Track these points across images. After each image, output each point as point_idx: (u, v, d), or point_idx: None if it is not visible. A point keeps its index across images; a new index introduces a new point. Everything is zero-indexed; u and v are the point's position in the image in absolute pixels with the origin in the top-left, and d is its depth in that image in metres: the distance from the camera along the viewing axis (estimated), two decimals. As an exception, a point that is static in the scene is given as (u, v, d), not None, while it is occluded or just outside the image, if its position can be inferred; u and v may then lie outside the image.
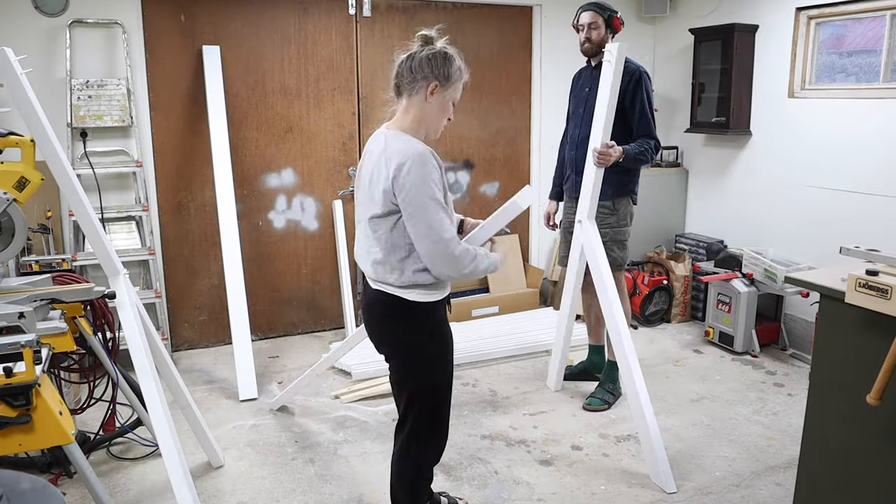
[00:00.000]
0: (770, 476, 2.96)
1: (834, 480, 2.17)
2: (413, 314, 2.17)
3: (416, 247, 2.07)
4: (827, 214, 4.18)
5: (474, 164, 5.07)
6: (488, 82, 4.99)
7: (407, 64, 2.12)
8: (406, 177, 2.00)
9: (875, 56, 3.95)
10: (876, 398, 1.86)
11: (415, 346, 2.23)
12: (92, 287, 2.59)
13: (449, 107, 2.17)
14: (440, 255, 2.04)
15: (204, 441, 3.04)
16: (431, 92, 2.10)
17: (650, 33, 5.36)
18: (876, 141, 3.85)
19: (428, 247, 2.04)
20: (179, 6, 4.11)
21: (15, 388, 1.97)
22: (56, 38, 3.86)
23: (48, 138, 2.37)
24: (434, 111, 2.14)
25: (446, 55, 2.12)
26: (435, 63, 2.10)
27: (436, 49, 2.12)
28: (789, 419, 3.49)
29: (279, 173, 4.54)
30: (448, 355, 2.29)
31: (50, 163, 2.42)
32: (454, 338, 2.34)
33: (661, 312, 4.93)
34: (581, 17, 3.45)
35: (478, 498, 2.83)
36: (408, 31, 4.67)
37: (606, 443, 3.26)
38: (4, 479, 1.29)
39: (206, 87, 4.12)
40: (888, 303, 1.86)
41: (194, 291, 4.44)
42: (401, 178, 2.00)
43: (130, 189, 4.18)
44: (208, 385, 3.94)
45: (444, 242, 2.02)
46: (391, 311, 2.19)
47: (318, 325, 4.83)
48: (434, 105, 2.13)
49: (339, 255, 4.68)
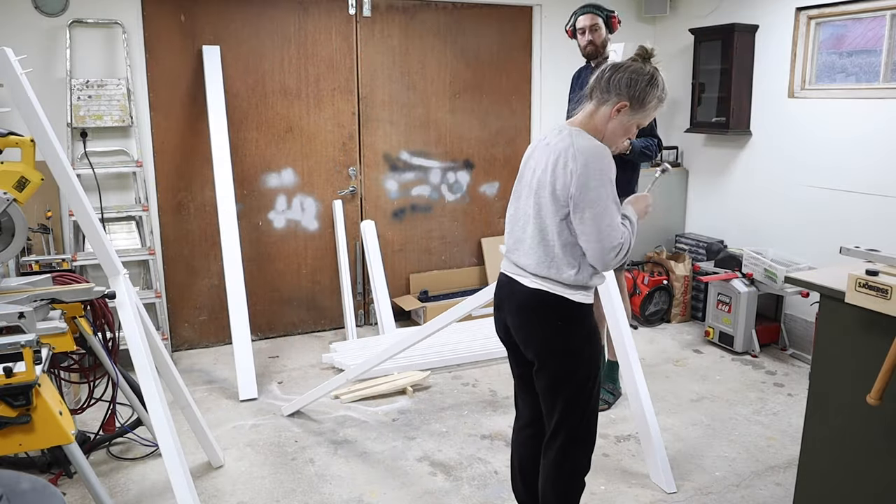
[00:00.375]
0: (770, 476, 2.96)
1: (834, 480, 2.17)
2: (578, 315, 2.08)
3: (583, 244, 1.99)
4: (827, 214, 4.18)
5: (474, 164, 5.07)
6: (488, 82, 5.00)
7: (609, 75, 2.04)
8: (587, 173, 1.94)
9: (875, 56, 3.95)
10: (876, 398, 1.87)
11: (576, 349, 2.11)
12: (92, 287, 2.59)
13: (632, 129, 2.08)
14: (606, 253, 1.98)
15: (204, 441, 3.04)
16: (618, 110, 2.02)
17: (650, 33, 5.36)
18: (876, 141, 3.85)
19: (594, 247, 1.98)
20: (179, 6, 4.11)
21: (15, 388, 1.97)
22: (56, 38, 3.86)
23: (48, 138, 2.37)
24: (614, 128, 2.06)
25: (652, 78, 2.02)
26: (635, 85, 2.01)
27: (645, 70, 2.03)
28: (789, 419, 3.49)
29: (279, 173, 4.54)
30: (600, 355, 2.21)
31: (50, 163, 2.42)
32: (454, 337, 2.33)
33: (661, 312, 4.93)
34: (580, 21, 3.44)
35: (478, 498, 2.83)
36: (408, 31, 4.68)
37: (606, 443, 3.26)
38: (4, 479, 1.29)
39: (206, 87, 4.12)
40: (888, 303, 1.86)
41: (194, 291, 4.44)
42: (583, 175, 1.94)
43: (130, 189, 4.18)
44: (208, 385, 3.94)
45: (612, 245, 1.97)
46: (554, 313, 2.08)
47: (318, 325, 4.83)
48: (616, 123, 2.05)
49: (340, 254, 4.68)
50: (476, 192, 5.11)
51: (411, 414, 3.58)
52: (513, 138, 5.14)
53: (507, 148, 5.14)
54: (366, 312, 4.97)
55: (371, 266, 4.68)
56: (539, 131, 5.15)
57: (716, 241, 4.89)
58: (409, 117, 4.81)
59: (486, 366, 4.19)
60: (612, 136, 2.07)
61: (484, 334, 4.51)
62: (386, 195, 4.86)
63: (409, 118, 4.81)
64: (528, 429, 2.36)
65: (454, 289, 5.08)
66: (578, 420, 2.16)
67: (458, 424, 3.46)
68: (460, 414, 3.57)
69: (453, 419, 3.52)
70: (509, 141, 5.13)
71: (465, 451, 3.20)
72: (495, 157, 5.12)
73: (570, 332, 2.10)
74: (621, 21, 3.46)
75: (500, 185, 5.15)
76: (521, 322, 2.15)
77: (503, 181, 5.15)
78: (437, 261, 5.11)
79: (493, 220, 5.19)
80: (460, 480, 2.96)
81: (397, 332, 4.49)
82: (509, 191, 2.25)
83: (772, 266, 4.21)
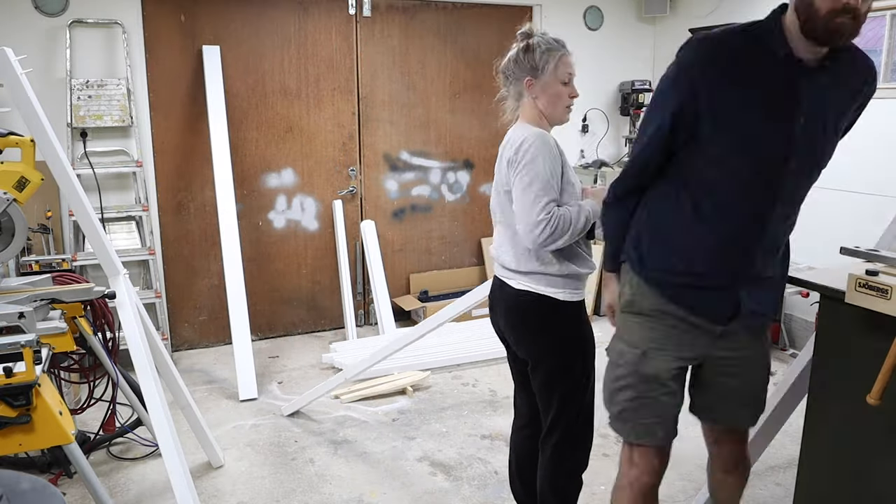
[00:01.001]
0: (770, 476, 2.96)
1: (834, 480, 2.17)
2: (566, 312, 2.08)
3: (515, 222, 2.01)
4: (827, 214, 4.17)
5: (474, 164, 5.07)
6: (488, 82, 4.95)
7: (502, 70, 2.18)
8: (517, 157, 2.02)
9: (875, 56, 3.95)
10: (876, 398, 1.86)
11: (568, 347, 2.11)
12: (92, 287, 2.59)
13: (559, 88, 2.09)
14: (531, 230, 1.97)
15: (204, 441, 3.04)
16: (529, 87, 2.10)
17: (650, 33, 5.36)
18: (876, 140, 3.85)
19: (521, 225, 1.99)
20: (179, 6, 4.11)
21: (15, 388, 1.97)
22: (56, 38, 3.86)
23: (48, 138, 2.37)
24: (544, 102, 2.10)
25: (526, 46, 2.10)
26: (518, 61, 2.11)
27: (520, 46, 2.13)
28: (789, 419, 3.48)
29: (279, 173, 4.54)
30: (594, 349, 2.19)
31: (50, 163, 2.42)
32: (453, 337, 2.33)
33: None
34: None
35: (478, 498, 2.83)
36: (408, 31, 4.68)
37: (606, 442, 3.26)
38: (4, 479, 1.29)
39: (206, 86, 4.12)
40: (888, 303, 1.86)
41: (194, 291, 4.44)
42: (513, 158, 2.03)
43: (130, 189, 4.18)
44: (208, 385, 3.94)
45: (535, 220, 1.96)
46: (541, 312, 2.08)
47: (318, 325, 4.83)
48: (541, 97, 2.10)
49: (340, 254, 4.68)
50: (476, 192, 5.11)
51: (411, 414, 3.58)
52: (513, 138, 5.13)
53: (507, 148, 5.13)
54: (366, 312, 4.97)
55: (371, 266, 4.68)
56: (539, 131, 5.15)
57: (716, 241, 4.89)
58: (409, 117, 4.81)
59: (485, 366, 4.19)
60: (549, 109, 2.11)
61: (484, 334, 4.51)
62: (386, 195, 4.86)
63: (409, 118, 4.81)
64: (527, 429, 2.36)
65: (454, 289, 5.09)
66: (574, 417, 2.16)
67: (458, 424, 3.46)
68: (460, 414, 3.57)
69: (453, 419, 3.52)
70: (509, 141, 5.13)
71: (465, 451, 3.20)
72: (495, 157, 5.09)
73: (560, 330, 2.09)
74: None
75: (500, 185, 5.15)
76: (511, 323, 2.17)
77: (503, 181, 5.14)
78: (437, 261, 5.11)
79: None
80: (460, 480, 2.96)
81: (396, 332, 4.49)
82: (509, 190, 2.26)
83: (772, 266, 4.20)
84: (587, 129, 5.25)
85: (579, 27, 5.12)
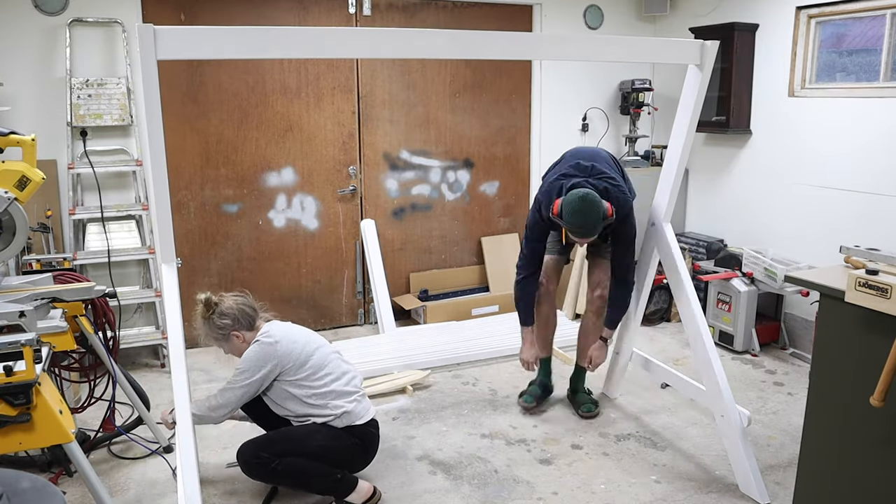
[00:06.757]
0: (770, 476, 2.96)
1: (834, 480, 2.17)
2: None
3: None
4: (827, 214, 4.18)
5: (474, 163, 5.07)
6: (488, 82, 5.00)
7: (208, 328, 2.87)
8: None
9: (875, 55, 3.95)
10: (879, 399, 1.86)
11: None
12: (93, 286, 2.59)
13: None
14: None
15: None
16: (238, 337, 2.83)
17: (650, 32, 5.36)
18: (876, 140, 3.85)
19: None
20: (179, 5, 4.11)
21: (15, 386, 1.98)
22: (56, 37, 3.86)
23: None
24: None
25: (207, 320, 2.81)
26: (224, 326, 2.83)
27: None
28: (789, 418, 3.49)
29: (279, 172, 4.54)
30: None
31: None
32: (453, 337, 2.33)
33: (661, 311, 4.93)
34: (574, 236, 3.10)
35: (478, 497, 2.83)
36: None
37: (606, 442, 3.26)
38: (5, 478, 1.30)
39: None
40: (888, 302, 1.86)
41: (194, 291, 4.43)
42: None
43: (130, 188, 4.18)
44: (208, 385, 3.94)
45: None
46: None
47: (318, 324, 4.83)
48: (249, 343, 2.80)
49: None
50: (476, 192, 5.11)
51: (411, 413, 3.58)
52: (513, 137, 5.14)
53: (507, 147, 5.14)
54: (366, 311, 4.97)
55: (371, 265, 4.68)
56: (539, 130, 5.15)
57: (716, 240, 4.89)
58: (409, 116, 4.81)
59: (485, 365, 4.19)
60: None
61: (484, 333, 4.51)
62: (386, 194, 4.86)
63: (409, 117, 4.81)
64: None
65: (454, 288, 5.09)
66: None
67: (458, 423, 3.46)
68: (460, 413, 3.57)
69: (453, 418, 3.52)
70: (509, 140, 5.13)
71: (465, 450, 3.20)
72: (495, 157, 5.11)
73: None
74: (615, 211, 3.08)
75: (499, 185, 5.14)
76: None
77: (503, 180, 5.15)
78: (437, 260, 5.11)
79: (492, 219, 5.19)
80: (460, 479, 2.96)
81: (397, 332, 4.50)
82: (509, 190, 2.27)
83: (772, 265, 4.21)
84: (587, 128, 5.25)
85: (579, 26, 5.11)
